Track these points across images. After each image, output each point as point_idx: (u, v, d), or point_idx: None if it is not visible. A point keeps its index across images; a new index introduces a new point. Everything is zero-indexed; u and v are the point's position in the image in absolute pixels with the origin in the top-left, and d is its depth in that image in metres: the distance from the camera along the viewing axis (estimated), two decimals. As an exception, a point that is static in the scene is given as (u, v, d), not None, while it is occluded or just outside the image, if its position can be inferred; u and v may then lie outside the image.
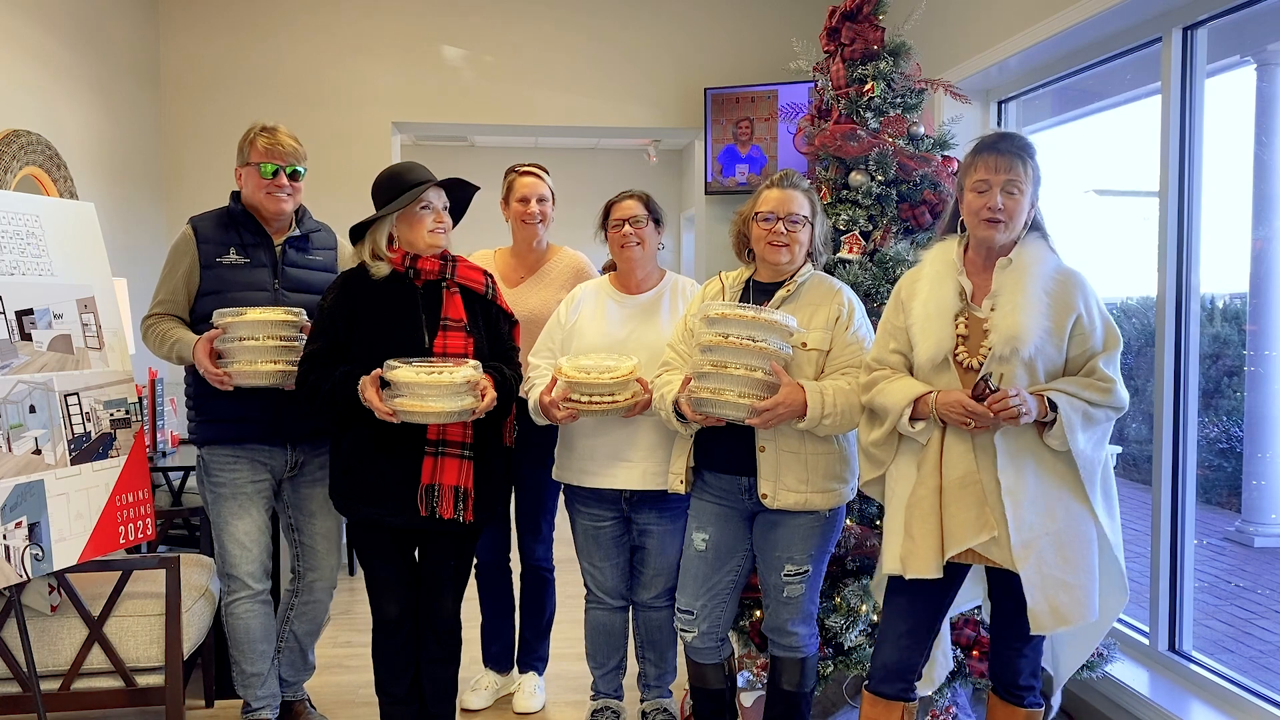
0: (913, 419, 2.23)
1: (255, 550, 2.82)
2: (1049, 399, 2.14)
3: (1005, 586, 2.29)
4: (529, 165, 3.21)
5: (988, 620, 2.55)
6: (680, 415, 2.49)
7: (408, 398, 2.38)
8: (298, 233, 2.88)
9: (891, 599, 2.35)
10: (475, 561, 3.21)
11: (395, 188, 2.55)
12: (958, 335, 2.24)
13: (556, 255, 3.23)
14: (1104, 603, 2.29)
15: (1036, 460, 2.20)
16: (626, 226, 2.80)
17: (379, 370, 2.41)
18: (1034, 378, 2.19)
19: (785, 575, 2.53)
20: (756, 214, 2.52)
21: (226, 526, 2.80)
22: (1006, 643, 2.36)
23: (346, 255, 2.97)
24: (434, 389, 2.37)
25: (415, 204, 2.53)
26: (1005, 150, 2.21)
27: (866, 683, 2.38)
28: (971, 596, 2.54)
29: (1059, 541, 2.18)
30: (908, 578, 2.24)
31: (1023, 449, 2.19)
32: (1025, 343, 2.15)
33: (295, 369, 2.62)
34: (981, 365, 2.19)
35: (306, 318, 2.70)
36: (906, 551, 2.25)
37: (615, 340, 2.79)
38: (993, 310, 2.21)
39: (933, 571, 2.21)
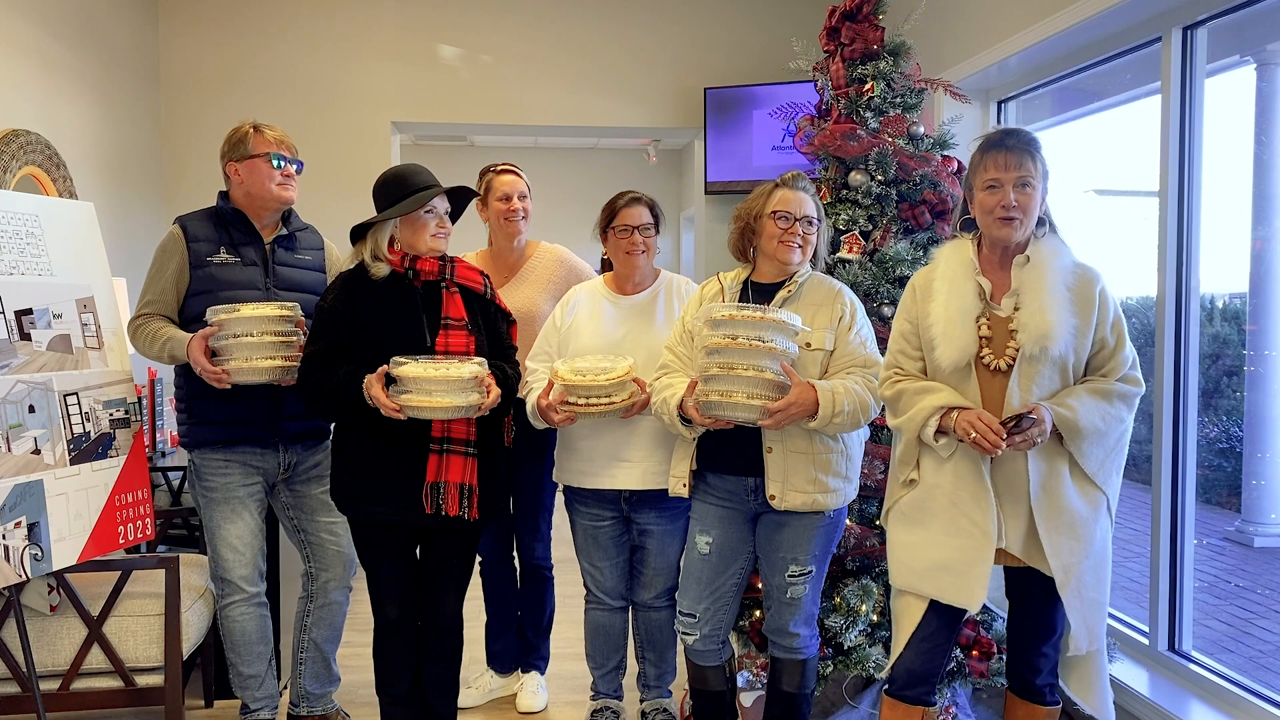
0: (936, 433, 2.19)
1: (248, 554, 2.81)
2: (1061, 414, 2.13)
3: (1024, 586, 2.28)
4: (505, 164, 3.21)
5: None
6: (685, 419, 2.47)
7: (414, 393, 2.38)
8: (285, 232, 2.88)
9: (912, 604, 2.30)
10: (479, 560, 3.21)
11: (399, 190, 2.55)
12: (981, 337, 2.21)
13: (537, 252, 3.22)
14: None
15: (1070, 483, 2.19)
16: (637, 235, 2.79)
17: (385, 367, 2.41)
18: (1064, 378, 2.18)
19: (789, 576, 2.52)
20: (773, 213, 2.50)
21: (219, 531, 2.79)
22: (1027, 642, 2.33)
23: (334, 255, 2.99)
24: (441, 384, 2.37)
25: (420, 209, 2.53)
26: (1013, 147, 2.19)
27: (887, 687, 2.34)
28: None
29: (1094, 564, 2.21)
30: (972, 611, 2.24)
31: (1053, 472, 2.18)
32: (1055, 340, 2.13)
33: (292, 364, 2.62)
34: (1011, 366, 2.17)
35: (301, 312, 2.70)
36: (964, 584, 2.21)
37: (612, 341, 2.78)
38: (1016, 309, 2.19)
39: (981, 599, 2.21)
